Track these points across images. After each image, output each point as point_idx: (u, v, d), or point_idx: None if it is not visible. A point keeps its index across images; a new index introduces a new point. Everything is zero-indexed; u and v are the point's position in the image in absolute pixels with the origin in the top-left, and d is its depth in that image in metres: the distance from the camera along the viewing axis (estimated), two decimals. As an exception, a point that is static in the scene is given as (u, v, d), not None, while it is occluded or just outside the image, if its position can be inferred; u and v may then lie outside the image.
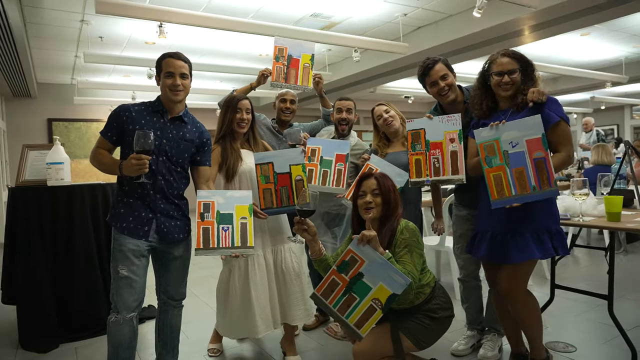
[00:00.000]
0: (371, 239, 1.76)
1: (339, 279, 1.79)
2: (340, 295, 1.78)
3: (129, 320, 1.94)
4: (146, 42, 6.11)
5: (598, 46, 7.30)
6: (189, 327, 2.96)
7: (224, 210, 1.98)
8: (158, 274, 2.15)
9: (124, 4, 3.78)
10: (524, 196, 1.87)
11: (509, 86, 1.99)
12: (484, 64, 2.11)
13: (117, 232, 1.97)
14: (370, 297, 1.74)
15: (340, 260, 1.80)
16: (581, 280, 3.79)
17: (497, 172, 1.93)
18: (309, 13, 5.26)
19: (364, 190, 1.98)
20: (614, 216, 2.18)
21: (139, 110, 2.00)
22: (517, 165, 1.89)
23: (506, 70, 1.99)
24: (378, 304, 1.73)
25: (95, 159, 2.00)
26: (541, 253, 1.93)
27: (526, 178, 1.87)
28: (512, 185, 1.89)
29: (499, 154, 1.93)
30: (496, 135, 1.93)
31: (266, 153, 2.35)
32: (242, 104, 2.36)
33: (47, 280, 2.81)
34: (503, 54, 2.03)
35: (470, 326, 2.53)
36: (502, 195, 1.90)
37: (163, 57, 2.02)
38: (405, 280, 1.72)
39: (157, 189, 1.97)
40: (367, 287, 1.75)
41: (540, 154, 1.86)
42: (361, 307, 1.75)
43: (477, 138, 1.97)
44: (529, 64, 2.02)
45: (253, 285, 2.29)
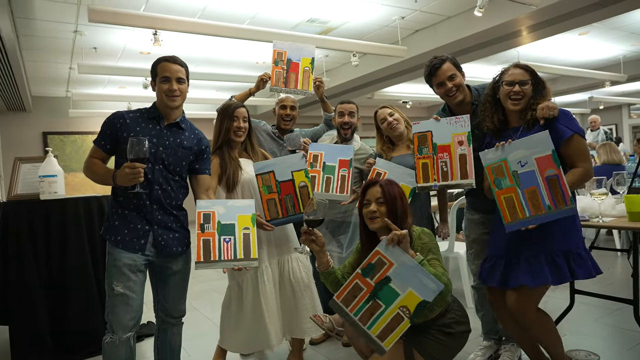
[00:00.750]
0: (402, 239, 1.61)
1: (363, 283, 1.63)
2: (364, 302, 1.62)
3: (125, 341, 1.82)
4: (141, 52, 6.04)
5: (596, 45, 7.26)
6: (190, 344, 2.84)
7: (226, 220, 1.87)
8: (156, 289, 2.03)
9: (117, 12, 3.70)
10: (538, 217, 1.76)
11: (519, 97, 1.91)
12: (495, 76, 2.03)
13: (111, 245, 1.85)
14: (398, 304, 1.58)
15: (366, 262, 1.64)
16: (593, 284, 3.67)
17: (508, 194, 1.83)
18: (305, 18, 5.20)
19: (369, 199, 1.86)
20: (636, 216, 2.07)
21: (133, 117, 1.90)
22: (529, 185, 1.79)
23: (518, 80, 1.91)
24: (406, 313, 1.57)
25: (89, 169, 1.90)
26: (555, 279, 1.80)
27: (539, 198, 1.77)
28: (525, 207, 1.78)
29: (508, 175, 1.83)
30: (503, 156, 1.84)
31: (266, 162, 2.24)
32: (239, 112, 2.26)
33: (40, 299, 2.68)
34: (516, 65, 1.98)
35: (486, 336, 2.41)
36: (515, 218, 1.80)
37: (158, 61, 1.93)
38: (438, 286, 1.56)
39: (153, 199, 1.86)
40: (395, 293, 1.59)
41: (552, 172, 1.76)
42: (386, 316, 1.59)
43: (484, 160, 1.88)
44: (541, 81, 1.96)
45: (263, 297, 2.19)
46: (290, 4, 4.77)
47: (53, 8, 4.42)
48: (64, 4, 4.35)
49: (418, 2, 4.92)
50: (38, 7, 4.39)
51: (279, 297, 2.26)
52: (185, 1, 4.47)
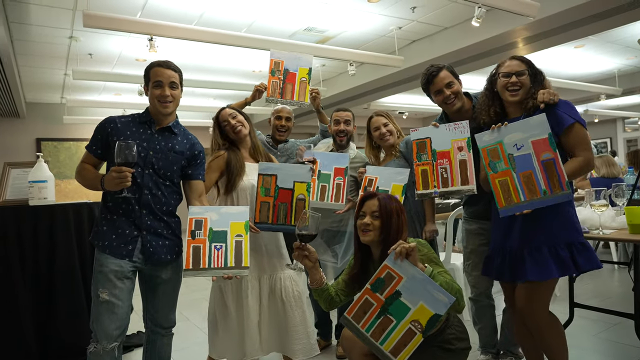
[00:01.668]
0: (411, 252, 1.56)
1: (373, 299, 1.58)
2: (375, 318, 1.57)
3: (110, 351, 1.75)
4: (137, 59, 6.01)
5: (592, 58, 7.31)
6: (181, 355, 2.76)
7: (218, 227, 1.81)
8: (145, 299, 1.97)
9: (113, 18, 3.66)
10: (534, 202, 1.73)
11: (516, 88, 1.88)
12: (492, 70, 2.01)
13: (98, 251, 1.80)
14: (409, 318, 1.53)
15: (374, 277, 1.60)
16: (592, 297, 3.63)
17: (503, 178, 1.80)
18: (302, 27, 5.20)
19: (364, 211, 1.81)
20: (637, 228, 2.04)
21: (125, 122, 1.87)
22: (524, 168, 1.76)
23: (514, 71, 1.89)
24: (418, 327, 1.52)
25: (79, 174, 1.88)
26: (560, 271, 1.77)
27: (535, 182, 1.74)
28: (521, 191, 1.76)
29: (504, 157, 1.80)
30: (499, 138, 1.82)
31: (272, 164, 2.19)
32: (223, 115, 2.26)
33: (26, 307, 2.60)
34: (512, 57, 1.96)
35: (484, 349, 2.35)
36: (510, 202, 1.77)
37: (151, 65, 1.89)
38: (449, 299, 1.52)
39: (142, 204, 1.81)
40: (406, 308, 1.54)
41: (549, 155, 1.73)
42: (398, 331, 1.54)
43: (479, 142, 1.86)
44: (539, 72, 1.94)
45: (245, 310, 2.12)
46: (287, 13, 4.76)
47: (48, 13, 4.39)
48: (59, 9, 4.32)
49: (415, 13, 4.94)
50: (33, 12, 4.36)
51: (268, 314, 2.18)
52: (183, 8, 4.45)
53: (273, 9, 4.64)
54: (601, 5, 4.22)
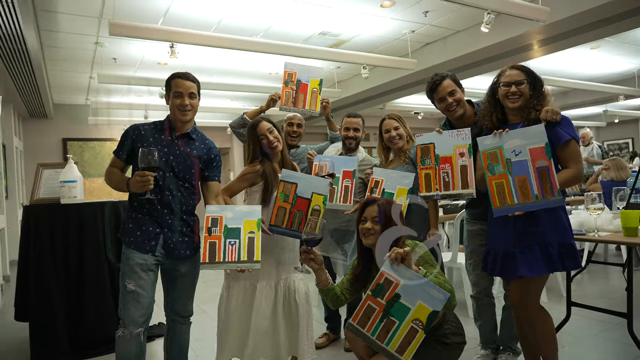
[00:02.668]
0: (406, 256, 1.68)
1: (375, 303, 1.69)
2: (378, 321, 1.68)
3: (136, 336, 1.94)
4: (158, 62, 6.23)
5: (609, 59, 7.25)
6: (200, 345, 2.94)
7: (232, 224, 1.96)
8: (166, 290, 2.16)
9: (137, 26, 3.87)
10: (526, 205, 1.85)
11: (516, 97, 1.99)
12: (494, 78, 2.11)
13: (125, 246, 2.00)
14: (410, 318, 1.65)
15: (374, 284, 1.71)
16: (598, 298, 3.68)
17: (499, 180, 1.92)
18: (317, 31, 5.33)
19: (366, 217, 1.96)
20: (631, 231, 2.13)
21: (148, 129, 2.05)
22: (520, 173, 1.88)
23: (514, 81, 2.00)
24: (419, 325, 1.64)
25: (107, 176, 2.07)
26: (548, 268, 1.90)
27: (529, 186, 1.86)
28: (515, 194, 1.88)
29: (502, 161, 1.92)
30: (499, 143, 1.94)
31: (294, 173, 2.25)
32: (261, 128, 2.26)
33: (58, 298, 2.82)
34: (512, 66, 2.07)
35: (484, 345, 2.47)
36: (504, 204, 1.89)
37: (172, 77, 2.06)
38: (444, 295, 1.64)
39: (164, 204, 1.99)
40: (406, 309, 1.66)
41: (543, 163, 1.85)
42: (402, 331, 1.66)
43: (480, 146, 1.98)
44: (538, 79, 2.04)
45: (255, 312, 2.17)
46: (302, 18, 4.90)
47: (76, 21, 4.63)
48: (86, 18, 4.56)
49: (428, 17, 5.02)
50: (62, 21, 4.61)
51: (282, 317, 2.21)
52: (202, 14, 4.64)
53: (289, 14, 4.79)
54: (614, 8, 4.23)
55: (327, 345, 2.92)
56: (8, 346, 3.22)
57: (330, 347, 2.91)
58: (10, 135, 6.75)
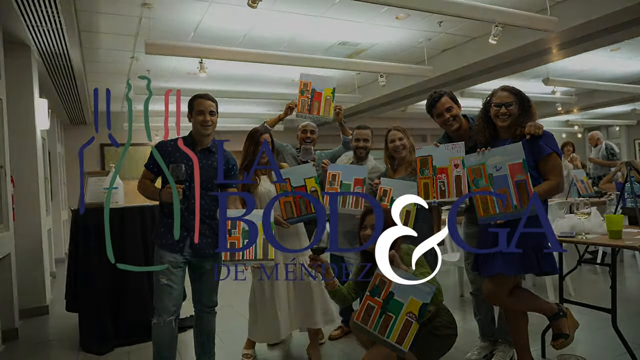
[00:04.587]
0: (393, 258, 1.97)
1: (374, 302, 1.94)
2: (378, 318, 1.90)
3: (168, 323, 2.27)
4: (188, 72, 6.63)
5: (630, 60, 7.22)
6: (225, 335, 3.26)
7: (249, 227, 2.26)
8: (193, 285, 2.49)
9: (170, 45, 4.26)
10: (507, 214, 2.08)
11: (505, 117, 2.22)
12: (486, 97, 2.34)
13: (158, 247, 2.33)
14: (404, 312, 1.88)
15: (371, 285, 1.96)
16: (597, 296, 3.80)
17: (483, 192, 2.15)
18: (337, 41, 5.60)
19: (365, 224, 2.23)
20: (615, 234, 2.31)
21: (174, 145, 2.36)
22: (501, 186, 2.11)
23: (504, 102, 2.22)
24: (413, 317, 1.88)
25: (140, 187, 2.40)
26: (525, 269, 2.14)
27: (509, 198, 2.09)
28: (497, 205, 2.11)
29: (485, 176, 2.16)
30: (482, 160, 2.18)
31: (283, 171, 2.63)
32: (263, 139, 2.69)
33: (103, 291, 3.21)
34: (502, 89, 2.29)
35: (483, 337, 2.70)
36: (487, 213, 2.13)
37: (195, 97, 2.40)
38: (431, 289, 1.88)
39: (190, 211, 2.29)
40: (400, 304, 1.89)
41: (521, 177, 2.07)
42: (398, 324, 1.89)
43: (466, 162, 2.23)
44: (526, 99, 2.26)
45: (276, 293, 2.60)
46: (323, 29, 5.17)
47: (115, 39, 5.07)
48: (124, 36, 4.98)
49: (442, 26, 5.21)
50: (102, 39, 5.06)
51: (296, 292, 2.66)
52: (230, 27, 4.96)
53: (312, 26, 5.07)
54: (625, 15, 4.30)
55: (341, 336, 3.20)
56: (60, 334, 3.64)
57: (344, 338, 3.18)
58: (54, 142, 7.31)
